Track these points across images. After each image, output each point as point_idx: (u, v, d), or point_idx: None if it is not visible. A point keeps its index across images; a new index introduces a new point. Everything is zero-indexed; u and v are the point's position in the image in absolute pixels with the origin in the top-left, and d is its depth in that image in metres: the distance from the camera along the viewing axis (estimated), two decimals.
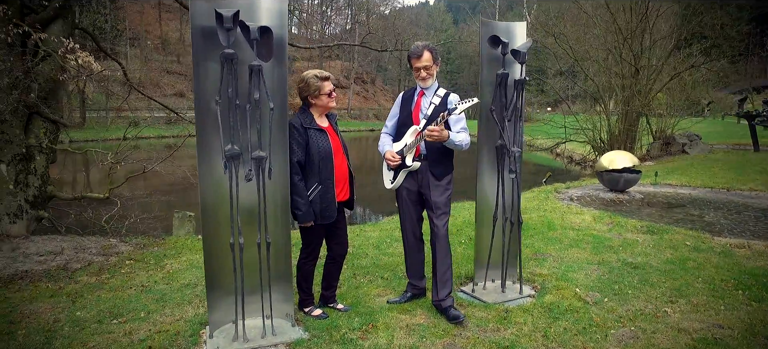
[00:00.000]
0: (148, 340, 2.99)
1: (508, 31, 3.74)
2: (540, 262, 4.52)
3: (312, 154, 3.10)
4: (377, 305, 3.54)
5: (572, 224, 5.82)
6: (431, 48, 3.33)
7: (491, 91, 3.68)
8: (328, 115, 3.34)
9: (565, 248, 4.91)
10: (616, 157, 7.96)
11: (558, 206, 6.90)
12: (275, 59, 2.96)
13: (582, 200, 7.55)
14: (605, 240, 5.15)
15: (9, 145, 5.48)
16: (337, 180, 3.19)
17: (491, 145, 3.75)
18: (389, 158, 3.33)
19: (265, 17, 2.93)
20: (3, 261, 4.79)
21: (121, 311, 3.47)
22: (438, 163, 3.31)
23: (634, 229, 5.57)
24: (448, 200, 3.33)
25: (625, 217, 6.18)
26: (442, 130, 3.04)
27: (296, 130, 3.09)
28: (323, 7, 60.38)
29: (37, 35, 5.57)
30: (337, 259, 3.45)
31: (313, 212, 3.11)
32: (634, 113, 12.98)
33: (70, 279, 4.35)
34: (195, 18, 2.76)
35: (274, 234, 3.06)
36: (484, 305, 3.56)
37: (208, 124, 2.86)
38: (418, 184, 3.36)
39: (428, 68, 3.30)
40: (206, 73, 2.83)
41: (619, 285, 3.89)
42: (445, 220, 3.31)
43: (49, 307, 3.62)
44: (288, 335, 3.05)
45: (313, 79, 3.14)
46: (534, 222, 6.00)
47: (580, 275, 4.12)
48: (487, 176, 3.81)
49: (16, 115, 5.61)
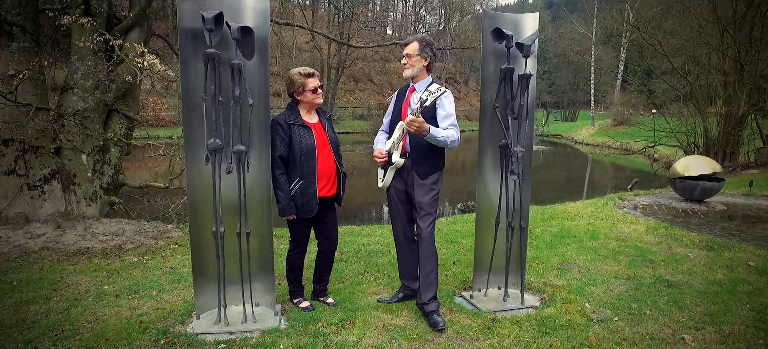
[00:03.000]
0: (145, 315, 3.28)
1: (516, 24, 3.52)
2: (562, 272, 4.19)
3: (294, 149, 3.18)
4: (367, 302, 3.53)
5: (618, 234, 5.30)
6: (422, 40, 3.25)
7: (494, 89, 3.49)
8: (320, 112, 3.40)
9: (598, 260, 4.49)
10: (693, 162, 7.06)
11: (613, 214, 6.31)
12: (258, 58, 3.09)
13: (648, 208, 6.82)
14: (648, 253, 4.62)
15: (89, 138, 6.28)
16: (321, 176, 3.24)
17: (495, 144, 3.56)
18: (376, 155, 3.30)
19: (250, 17, 3.07)
20: (74, 237, 5.53)
21: (139, 289, 3.83)
22: (423, 161, 3.21)
23: (689, 243, 4.92)
24: (433, 200, 3.22)
25: (685, 230, 5.48)
26: (421, 123, 2.94)
27: (280, 126, 3.19)
28: (416, 8, 60.73)
29: (116, 42, 6.32)
30: (326, 253, 3.50)
31: (294, 206, 3.19)
32: (737, 115, 11.36)
33: (118, 257, 4.89)
34: (182, 20, 2.97)
35: (255, 225, 3.20)
36: (476, 312, 3.39)
37: (195, 120, 3.06)
38: (405, 182, 3.29)
39: (410, 57, 3.22)
40: (194, 71, 3.03)
41: (639, 304, 3.48)
42: (428, 221, 3.20)
43: (88, 279, 4.11)
44: (267, 323, 3.16)
45: (297, 76, 3.23)
46: (577, 230, 5.56)
47: (599, 290, 3.75)
48: (489, 176, 3.62)
49: (97, 112, 6.41)
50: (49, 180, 5.92)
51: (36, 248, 5.14)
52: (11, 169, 5.78)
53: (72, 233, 5.63)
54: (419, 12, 60.78)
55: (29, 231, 5.56)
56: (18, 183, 5.78)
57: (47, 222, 5.75)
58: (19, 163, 5.78)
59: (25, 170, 5.79)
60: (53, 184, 5.94)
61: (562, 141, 32.08)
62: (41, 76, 6.18)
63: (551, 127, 36.69)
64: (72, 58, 6.36)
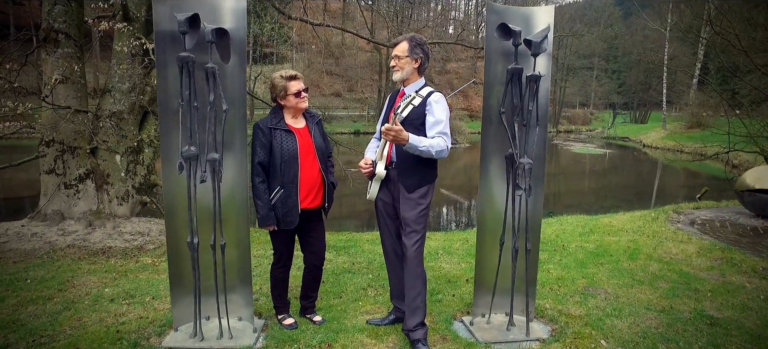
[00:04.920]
0: (126, 324, 3.22)
1: (526, 19, 3.12)
2: (585, 298, 3.70)
3: (275, 155, 2.99)
4: (355, 323, 3.27)
5: (663, 255, 4.67)
6: (412, 39, 2.94)
7: (501, 91, 3.11)
8: (309, 117, 3.19)
9: (631, 285, 3.94)
10: (766, 173, 6.15)
11: (663, 229, 5.61)
12: (236, 60, 2.93)
13: (707, 224, 6.02)
14: (694, 281, 4.00)
15: (124, 140, 6.50)
16: (304, 185, 3.03)
17: (501, 154, 3.18)
18: (361, 165, 3.04)
19: (229, 18, 2.91)
20: (101, 236, 5.71)
21: (136, 293, 3.82)
22: (409, 172, 2.90)
23: (748, 270, 4.22)
24: (419, 216, 2.90)
25: (747, 253, 4.73)
26: (398, 132, 2.64)
27: (260, 131, 3.02)
28: (479, 7, 59.36)
29: (150, 46, 6.49)
30: (311, 269, 3.28)
31: (274, 217, 3.00)
32: None
33: (135, 258, 4.97)
34: (159, 23, 2.86)
35: (233, 235, 3.05)
36: (471, 342, 3.03)
37: (172, 125, 2.95)
38: (392, 195, 3.00)
39: (399, 59, 2.92)
40: (171, 75, 2.92)
41: (668, 346, 2.96)
42: (415, 239, 2.89)
43: (95, 280, 4.17)
44: (242, 340, 3.00)
45: (278, 79, 3.04)
46: (616, 247, 4.98)
47: (623, 323, 3.26)
48: (494, 190, 3.24)
49: (133, 114, 6.63)
50: (84, 179, 6.17)
51: (64, 245, 5.35)
52: (51, 168, 6.08)
53: (100, 232, 5.82)
54: (482, 10, 59.41)
55: (62, 228, 5.81)
56: (56, 182, 6.07)
57: (80, 220, 5.99)
58: (58, 163, 6.08)
59: (63, 170, 6.08)
60: (87, 183, 6.18)
61: (629, 144, 30.04)
62: (82, 80, 6.47)
63: (618, 130, 34.48)
64: (112, 62, 6.60)
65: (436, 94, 2.93)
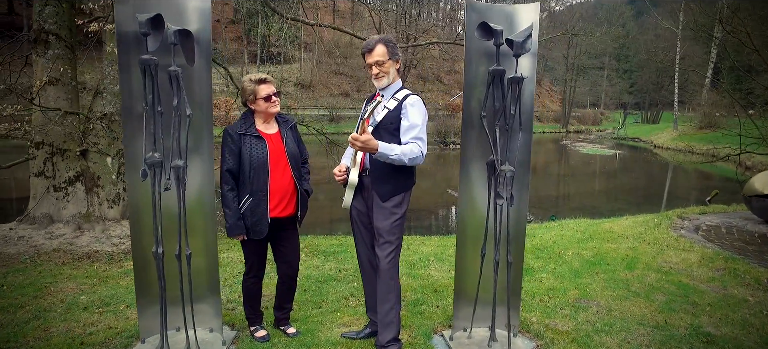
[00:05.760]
0: (93, 335, 3.12)
1: (509, 18, 2.96)
2: (576, 311, 3.52)
3: (244, 163, 2.86)
4: (329, 336, 3.13)
5: (662, 264, 4.46)
6: (387, 41, 2.79)
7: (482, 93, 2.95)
8: (282, 122, 3.06)
9: (626, 297, 3.75)
10: None
11: (664, 236, 5.39)
12: (201, 62, 2.81)
13: (713, 231, 5.78)
14: (693, 293, 3.80)
15: (115, 142, 6.42)
16: (274, 193, 2.89)
17: (482, 160, 3.01)
18: (335, 172, 2.89)
19: (194, 18, 2.79)
20: (88, 240, 5.64)
21: (111, 301, 3.72)
22: (383, 180, 2.75)
23: (752, 282, 4.01)
24: (394, 226, 2.74)
25: (752, 263, 4.50)
26: (366, 141, 2.49)
27: (230, 137, 2.89)
28: None
29: None
30: (285, 279, 3.15)
31: (244, 226, 2.87)
32: None
33: (120, 263, 4.87)
34: (121, 24, 2.75)
35: (200, 244, 2.93)
36: None
37: (136, 130, 2.83)
38: (366, 204, 2.86)
39: (381, 64, 2.76)
40: (135, 79, 2.80)
41: None
42: (388, 250, 2.73)
43: (73, 287, 4.07)
44: None
45: (247, 82, 2.91)
46: (614, 255, 4.78)
47: (613, 340, 3.08)
48: (476, 198, 3.07)
49: None
50: (74, 182, 6.11)
51: (49, 249, 5.27)
52: (40, 171, 6.03)
53: (88, 235, 5.75)
54: None
55: (50, 231, 5.75)
56: (45, 184, 6.02)
57: (68, 223, 5.92)
58: (48, 166, 6.02)
59: (52, 172, 6.02)
60: (77, 186, 6.12)
61: (640, 145, 29.56)
62: (73, 81, 6.41)
63: (629, 130, 33.97)
64: (103, 63, 6.53)
65: (412, 97, 2.78)
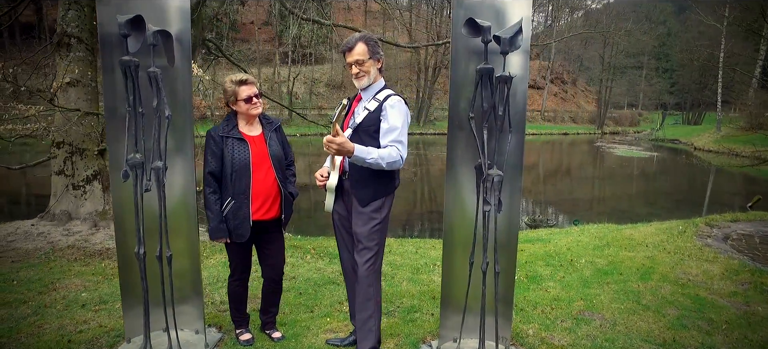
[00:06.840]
0: (83, 333, 3.15)
1: (498, 13, 2.80)
2: (578, 324, 3.33)
3: (226, 165, 2.83)
4: (313, 342, 3.06)
5: (680, 276, 4.18)
6: (368, 39, 2.69)
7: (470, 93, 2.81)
8: (266, 123, 3.01)
9: (634, 311, 3.52)
10: None
11: (688, 245, 5.06)
12: (182, 63, 2.79)
13: (744, 240, 5.39)
14: (710, 309, 3.52)
15: None
16: (257, 195, 2.84)
17: (471, 164, 2.87)
18: (316, 176, 2.82)
19: (175, 18, 2.78)
20: (103, 237, 5.78)
21: (110, 299, 3.76)
22: (362, 184, 2.65)
23: None
24: (373, 232, 2.64)
25: None
26: (341, 144, 2.39)
27: (212, 139, 2.86)
28: None
29: None
30: (270, 283, 3.09)
31: (226, 229, 2.84)
32: None
33: None
34: (103, 25, 2.76)
35: (183, 244, 2.92)
36: None
37: (119, 131, 2.84)
38: (347, 208, 2.77)
39: (361, 64, 2.66)
40: (116, 79, 2.81)
41: None
42: (367, 257, 2.63)
43: (78, 283, 4.16)
44: None
45: (228, 83, 2.87)
46: (630, 264, 4.52)
47: None
48: (465, 202, 2.93)
49: None
50: (92, 180, 6.29)
51: (64, 245, 5.43)
52: (61, 169, 6.23)
53: (103, 232, 5.90)
54: None
55: (68, 228, 5.94)
56: (65, 182, 6.22)
57: (86, 220, 6.10)
58: (67, 164, 6.22)
59: (71, 171, 6.22)
60: (95, 184, 6.29)
61: (679, 147, 28.30)
62: (93, 82, 6.59)
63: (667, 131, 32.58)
64: None
65: (393, 97, 2.67)
